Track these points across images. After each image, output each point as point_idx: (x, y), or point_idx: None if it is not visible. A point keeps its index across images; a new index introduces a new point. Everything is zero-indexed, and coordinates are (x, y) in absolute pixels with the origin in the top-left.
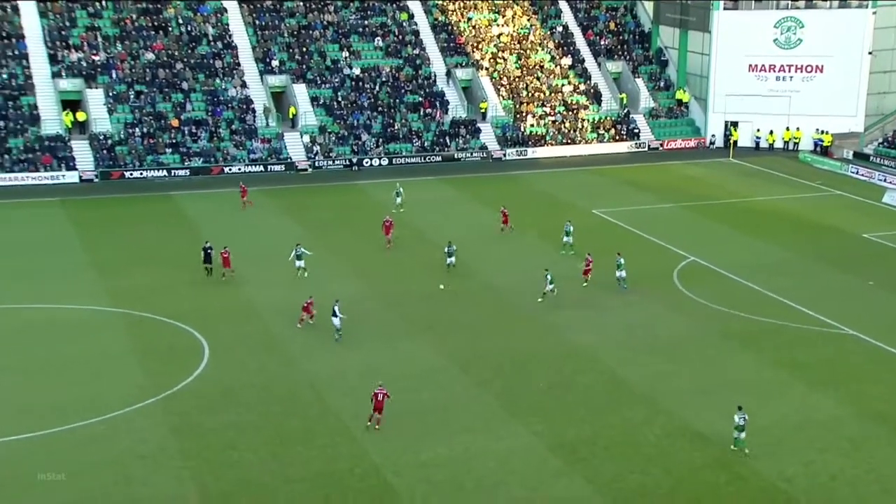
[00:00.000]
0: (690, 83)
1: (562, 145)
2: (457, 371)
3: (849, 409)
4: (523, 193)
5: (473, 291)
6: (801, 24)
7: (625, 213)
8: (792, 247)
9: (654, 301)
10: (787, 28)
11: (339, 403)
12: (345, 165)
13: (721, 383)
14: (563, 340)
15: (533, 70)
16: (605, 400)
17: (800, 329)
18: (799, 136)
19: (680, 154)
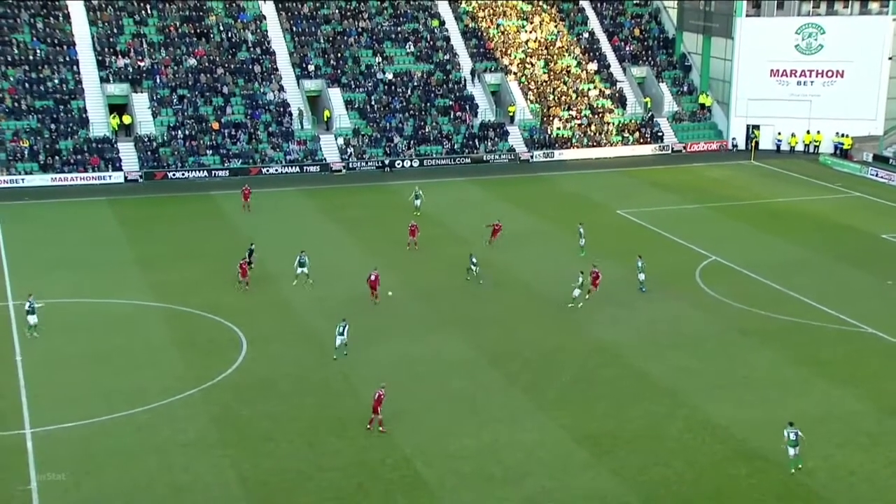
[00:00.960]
0: (713, 88)
1: (587, 148)
2: (485, 364)
3: (868, 405)
4: (550, 194)
5: (503, 287)
6: (822, 31)
7: (649, 213)
8: (812, 247)
9: (676, 299)
10: (808, 34)
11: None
12: (377, 167)
13: (741, 379)
14: (589, 336)
15: (560, 75)
16: (628, 394)
17: (820, 327)
18: (819, 140)
19: (703, 156)
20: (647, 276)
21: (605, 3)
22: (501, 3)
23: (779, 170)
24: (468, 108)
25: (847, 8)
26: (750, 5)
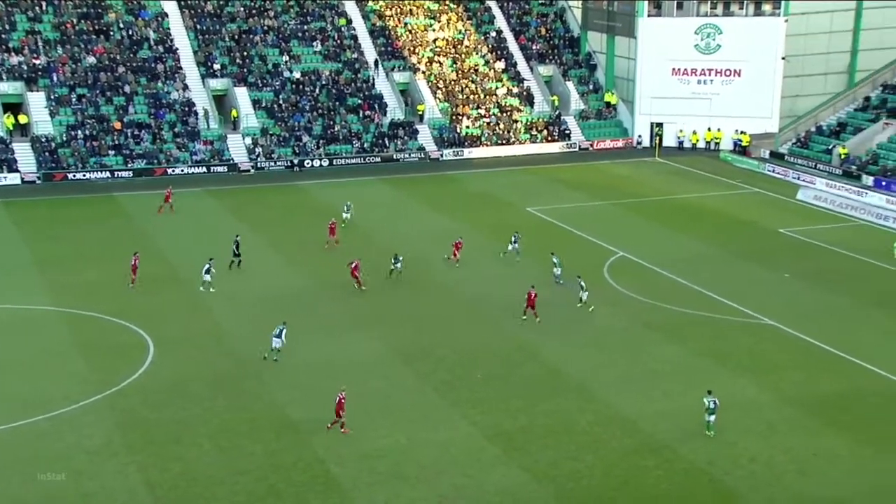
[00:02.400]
0: (618, 86)
1: (496, 146)
2: (400, 363)
3: (768, 394)
4: (461, 193)
5: (416, 287)
6: (719, 31)
7: (557, 210)
8: (714, 242)
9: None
10: (706, 34)
11: (285, 397)
12: (286, 166)
13: (649, 372)
14: (504, 335)
15: (468, 73)
16: (541, 391)
17: (722, 320)
18: (720, 137)
19: (609, 154)
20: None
21: (511, 3)
22: (408, 2)
23: (682, 166)
24: (377, 106)
25: (742, 9)
26: (651, 6)
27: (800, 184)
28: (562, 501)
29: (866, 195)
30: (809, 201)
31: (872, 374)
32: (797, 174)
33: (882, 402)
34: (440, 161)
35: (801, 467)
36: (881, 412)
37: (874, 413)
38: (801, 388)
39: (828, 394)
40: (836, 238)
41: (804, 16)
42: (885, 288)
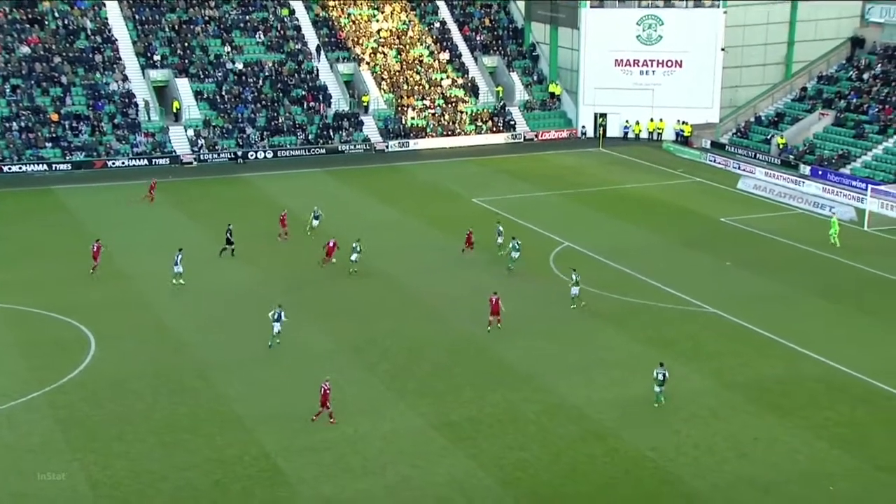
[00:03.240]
0: (562, 77)
1: (442, 137)
2: (347, 355)
3: (710, 381)
4: (407, 184)
5: (363, 278)
6: (660, 22)
7: (503, 201)
8: (658, 231)
9: (532, 285)
10: (648, 25)
11: (230, 391)
12: (230, 158)
13: (594, 361)
14: (449, 325)
15: (413, 64)
16: (488, 381)
17: (666, 308)
18: (662, 127)
19: (553, 144)
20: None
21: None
22: None
23: (626, 157)
24: (321, 98)
25: (683, 0)
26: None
27: (740, 173)
28: (509, 491)
29: (803, 184)
30: (749, 190)
31: (811, 360)
32: (737, 164)
33: (819, 387)
34: (385, 152)
35: (742, 452)
36: (819, 397)
37: (812, 398)
38: (742, 374)
39: (768, 379)
40: (775, 226)
41: (742, 7)
42: (822, 275)
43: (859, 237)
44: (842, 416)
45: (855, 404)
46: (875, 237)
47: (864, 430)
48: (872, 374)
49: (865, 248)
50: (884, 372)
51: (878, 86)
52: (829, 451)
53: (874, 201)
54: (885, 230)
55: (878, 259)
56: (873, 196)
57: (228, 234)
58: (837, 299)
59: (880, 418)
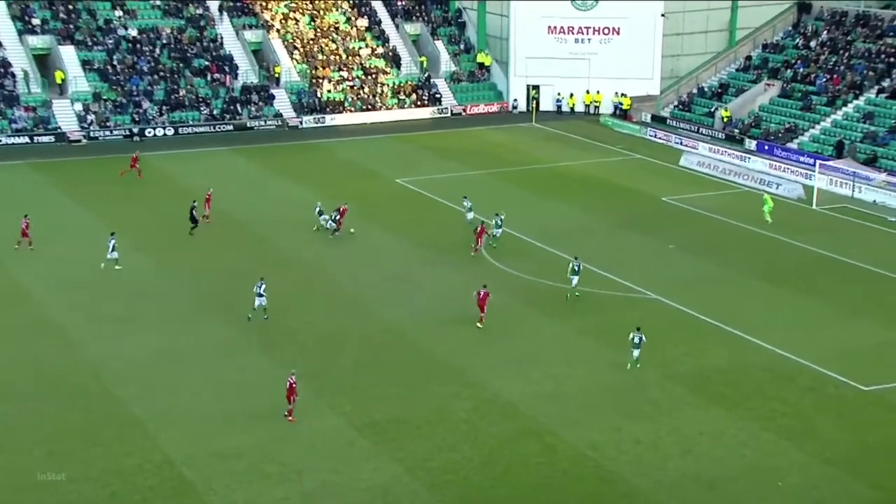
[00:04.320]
0: (491, 46)
1: (361, 112)
2: (257, 351)
3: (653, 372)
4: (324, 163)
5: (277, 267)
6: None
7: (429, 181)
8: (595, 212)
9: (461, 272)
10: None
11: (128, 393)
12: (125, 136)
13: (529, 352)
14: (372, 316)
15: (328, 32)
16: (414, 376)
17: (605, 295)
18: (599, 100)
19: (483, 119)
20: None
21: None
22: None
23: (560, 132)
24: (227, 69)
25: None
26: None
27: (682, 149)
28: (437, 495)
29: (749, 160)
30: (692, 167)
31: (756, 348)
32: (679, 139)
33: (765, 376)
34: (300, 129)
35: (687, 447)
36: (765, 386)
37: (758, 387)
38: (686, 364)
39: (712, 369)
40: (719, 206)
41: None
42: (768, 257)
43: (807, 216)
44: (788, 407)
45: (802, 393)
46: (823, 216)
47: (812, 421)
48: (819, 360)
49: (813, 227)
50: (830, 358)
51: (825, 54)
52: (776, 443)
53: (822, 178)
54: (834, 208)
55: (825, 239)
56: (822, 172)
57: (193, 211)
58: (784, 282)
59: (828, 408)
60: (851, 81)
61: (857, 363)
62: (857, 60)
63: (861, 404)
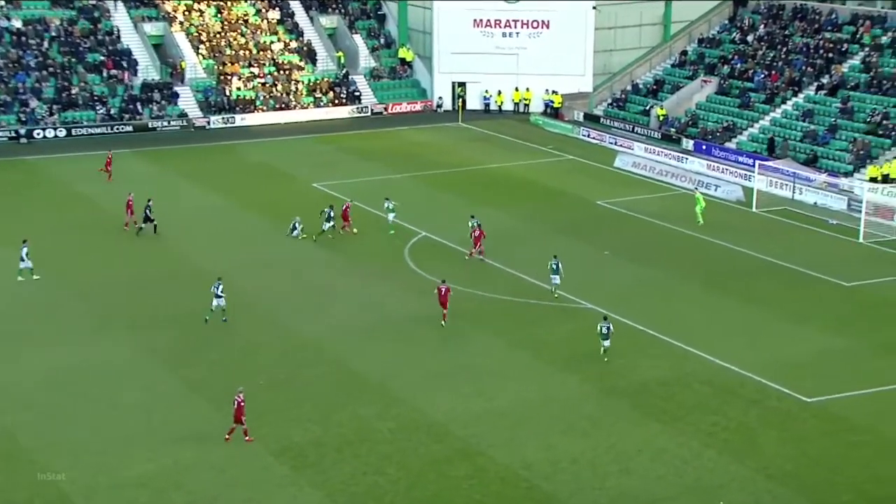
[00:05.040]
0: (413, 40)
1: (275, 111)
2: (163, 371)
3: (589, 387)
4: (234, 167)
5: (184, 278)
6: None
7: (349, 185)
8: (527, 216)
9: (384, 281)
10: None
11: (12, 419)
12: (10, 138)
13: (458, 367)
14: (287, 330)
15: (236, 25)
16: (334, 395)
17: (538, 305)
18: (529, 97)
19: (406, 119)
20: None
21: None
22: None
23: (488, 132)
24: (125, 64)
25: None
26: None
27: (617, 149)
28: None
29: (686, 161)
30: (628, 169)
31: (697, 359)
32: (614, 139)
33: (706, 390)
34: (207, 130)
35: (625, 466)
36: (706, 400)
37: (699, 401)
38: (624, 377)
39: (651, 382)
40: (656, 209)
41: None
42: (708, 263)
43: (747, 219)
44: (731, 421)
45: (745, 407)
46: (763, 219)
47: (755, 436)
48: (761, 371)
49: (753, 230)
50: (773, 368)
51: (763, 49)
52: (718, 460)
53: (762, 179)
54: (775, 211)
55: (766, 243)
56: (761, 173)
57: (148, 210)
58: (724, 289)
59: (771, 421)
60: (790, 78)
61: (799, 373)
62: (795, 56)
63: (804, 417)
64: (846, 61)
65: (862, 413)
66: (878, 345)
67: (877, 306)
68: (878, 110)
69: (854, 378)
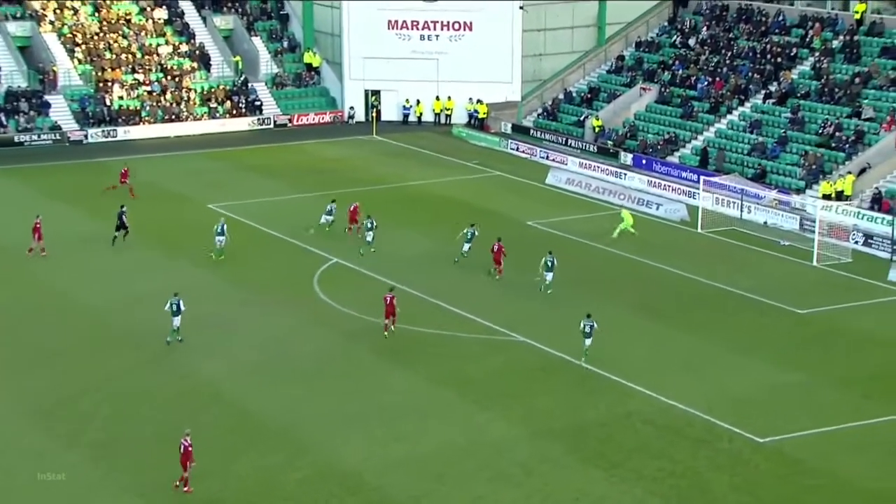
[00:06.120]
0: (320, 43)
1: (163, 123)
2: (34, 421)
3: (520, 428)
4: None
5: (63, 313)
6: None
7: (250, 206)
8: (449, 239)
9: (291, 314)
10: None
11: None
12: None
13: (373, 408)
14: (180, 371)
15: (117, 25)
16: (233, 443)
17: (464, 338)
18: (451, 107)
19: (314, 131)
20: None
21: None
22: None
23: (407, 145)
24: None
25: None
26: None
27: (549, 164)
28: None
29: (625, 177)
30: (561, 186)
31: (639, 396)
32: (545, 153)
33: (650, 430)
34: (84, 144)
35: None
36: (650, 441)
37: (642, 444)
38: (559, 417)
39: (590, 423)
40: (593, 230)
41: None
42: (650, 290)
43: (692, 240)
44: (677, 465)
45: (692, 449)
46: (710, 240)
47: (704, 480)
48: (709, 409)
49: (699, 253)
50: (722, 406)
51: (706, 53)
52: None
53: (708, 196)
54: (722, 231)
55: (712, 267)
56: (707, 190)
57: (119, 217)
58: (667, 318)
59: (721, 465)
60: (735, 85)
61: (750, 411)
62: (741, 61)
63: (757, 459)
64: (795, 67)
65: (818, 454)
66: (834, 378)
67: (832, 335)
68: (830, 121)
69: (809, 415)
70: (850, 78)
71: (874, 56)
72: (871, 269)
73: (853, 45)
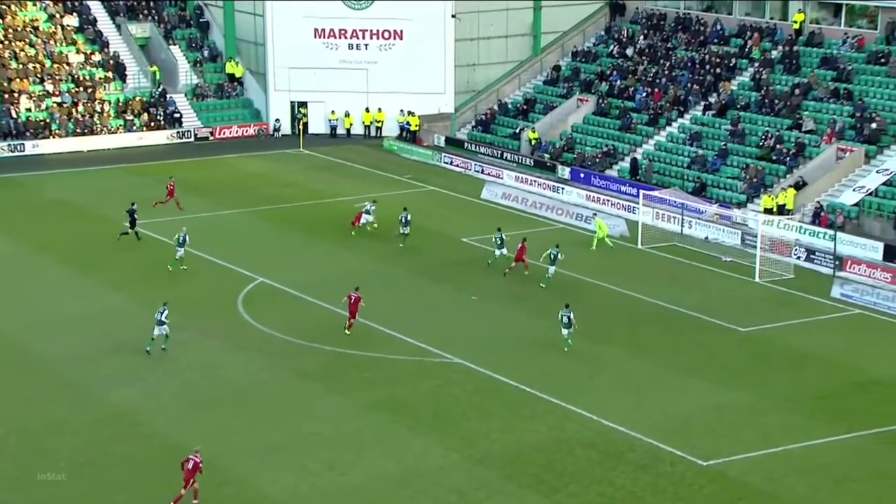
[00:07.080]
0: (243, 53)
1: (75, 136)
2: None
3: (456, 454)
4: (25, 204)
5: None
6: None
7: (170, 224)
8: (381, 257)
9: (213, 337)
10: None
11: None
12: None
13: (302, 437)
14: (95, 400)
15: (23, 33)
16: (153, 476)
17: (396, 360)
18: (381, 119)
19: (237, 145)
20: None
21: None
22: None
23: (335, 159)
24: None
25: None
26: None
27: (484, 178)
28: None
29: (563, 191)
30: (497, 201)
31: (578, 419)
32: (480, 166)
33: (591, 454)
34: None
35: None
36: (591, 467)
37: (582, 469)
38: (497, 443)
39: (528, 448)
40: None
41: None
42: (588, 307)
43: (632, 257)
44: (618, 490)
45: (634, 473)
46: (650, 256)
47: None
48: (651, 431)
49: (638, 270)
50: (664, 428)
51: (644, 63)
52: None
53: (647, 211)
54: (662, 247)
55: (652, 284)
56: (646, 205)
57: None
58: (607, 338)
59: (664, 490)
60: (675, 96)
61: (693, 433)
62: (679, 71)
63: (701, 483)
64: (735, 78)
65: (764, 477)
66: (779, 398)
67: (776, 354)
68: (770, 133)
69: (754, 437)
70: (790, 89)
71: (813, 67)
72: (813, 285)
73: (792, 55)
